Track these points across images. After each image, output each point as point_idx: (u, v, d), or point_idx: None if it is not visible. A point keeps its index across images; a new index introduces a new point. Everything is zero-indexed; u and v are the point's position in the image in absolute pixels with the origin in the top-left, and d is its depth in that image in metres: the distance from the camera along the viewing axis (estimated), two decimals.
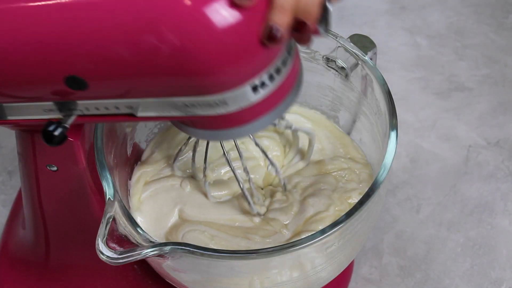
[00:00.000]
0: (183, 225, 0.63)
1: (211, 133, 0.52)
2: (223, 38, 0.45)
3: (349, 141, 0.69)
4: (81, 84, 0.49)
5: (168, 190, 0.66)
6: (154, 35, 0.45)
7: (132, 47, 0.46)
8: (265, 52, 0.47)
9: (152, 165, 0.67)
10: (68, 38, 0.46)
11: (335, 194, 0.64)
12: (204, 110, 0.49)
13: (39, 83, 0.50)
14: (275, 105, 0.51)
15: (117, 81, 0.48)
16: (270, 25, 0.46)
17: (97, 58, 0.47)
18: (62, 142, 0.52)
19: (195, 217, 0.64)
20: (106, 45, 0.46)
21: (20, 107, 0.53)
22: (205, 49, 0.45)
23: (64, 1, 0.46)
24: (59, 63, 0.48)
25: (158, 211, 0.64)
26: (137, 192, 0.65)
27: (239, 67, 0.47)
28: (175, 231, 0.63)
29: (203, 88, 0.48)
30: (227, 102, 0.49)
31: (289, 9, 0.46)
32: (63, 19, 0.46)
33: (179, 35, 0.45)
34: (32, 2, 0.47)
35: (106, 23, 0.45)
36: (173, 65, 0.46)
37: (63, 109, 0.52)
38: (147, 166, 0.67)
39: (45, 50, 0.47)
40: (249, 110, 0.50)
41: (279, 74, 0.49)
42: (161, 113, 0.51)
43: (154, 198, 0.65)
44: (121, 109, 0.51)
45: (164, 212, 0.64)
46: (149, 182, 0.66)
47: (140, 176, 0.66)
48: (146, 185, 0.66)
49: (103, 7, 0.45)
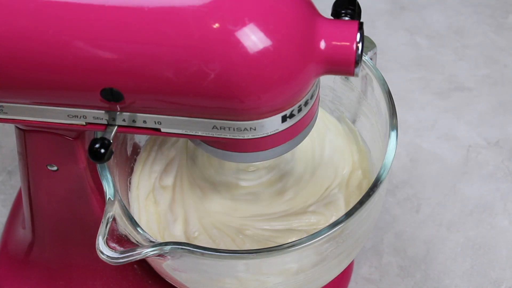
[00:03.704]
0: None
1: (224, 153, 0.53)
2: (270, 71, 0.47)
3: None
4: (117, 96, 0.49)
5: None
6: (205, 64, 0.47)
7: (180, 71, 0.47)
8: (305, 87, 0.49)
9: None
10: (120, 57, 0.48)
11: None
12: (232, 133, 0.51)
13: (77, 93, 0.50)
14: (294, 135, 0.53)
15: (154, 96, 0.49)
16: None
17: (139, 75, 0.48)
18: (110, 158, 0.52)
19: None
20: (153, 66, 0.47)
21: (44, 110, 0.53)
22: (251, 80, 0.47)
23: (122, 24, 0.47)
24: (102, 75, 0.48)
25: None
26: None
27: (281, 99, 0.49)
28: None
29: (242, 114, 0.49)
30: (256, 128, 0.50)
31: None
32: (119, 40, 0.47)
33: (230, 65, 0.47)
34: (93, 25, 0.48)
35: (160, 48, 0.47)
36: (219, 91, 0.48)
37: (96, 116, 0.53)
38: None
39: (95, 65, 0.48)
40: (271, 138, 0.51)
41: (306, 106, 0.51)
42: (187, 131, 0.51)
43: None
44: (149, 123, 0.52)
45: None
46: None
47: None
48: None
49: (159, 33, 0.47)
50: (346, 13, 0.52)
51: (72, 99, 0.51)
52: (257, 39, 0.47)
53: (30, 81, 0.49)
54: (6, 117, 0.54)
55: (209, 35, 0.46)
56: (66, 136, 0.57)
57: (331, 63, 0.49)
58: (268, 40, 0.47)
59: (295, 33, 0.48)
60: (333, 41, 0.49)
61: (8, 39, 0.48)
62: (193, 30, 0.46)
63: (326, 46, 0.49)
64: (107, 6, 0.47)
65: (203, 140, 0.54)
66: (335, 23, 0.50)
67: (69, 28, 0.47)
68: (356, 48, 0.48)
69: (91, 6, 0.47)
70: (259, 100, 0.48)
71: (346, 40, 0.49)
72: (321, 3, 0.57)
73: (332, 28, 0.49)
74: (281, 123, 0.51)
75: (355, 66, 0.49)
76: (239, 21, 0.46)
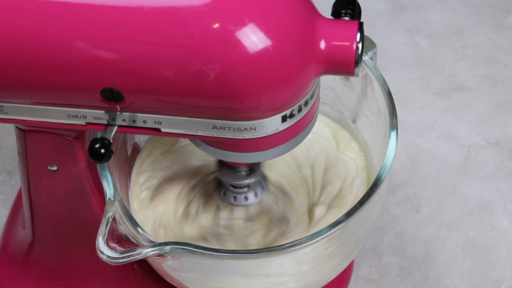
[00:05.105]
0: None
1: (225, 153, 0.53)
2: (270, 71, 0.47)
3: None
4: (117, 96, 0.49)
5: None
6: (205, 64, 0.47)
7: (180, 71, 0.47)
8: (305, 87, 0.49)
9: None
10: (121, 57, 0.48)
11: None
12: (232, 133, 0.50)
13: (77, 93, 0.50)
14: (294, 135, 0.53)
15: (154, 96, 0.49)
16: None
17: (139, 75, 0.48)
18: (110, 158, 0.52)
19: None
20: (153, 66, 0.47)
21: (44, 110, 0.53)
22: (252, 80, 0.47)
23: (122, 24, 0.47)
24: (102, 75, 0.48)
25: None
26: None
27: (281, 99, 0.49)
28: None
29: (242, 114, 0.49)
30: (256, 128, 0.50)
31: None
32: (119, 40, 0.47)
33: (230, 65, 0.47)
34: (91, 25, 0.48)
35: (160, 48, 0.47)
36: (219, 91, 0.48)
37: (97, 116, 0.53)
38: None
39: (95, 65, 0.48)
40: (271, 138, 0.51)
41: (306, 106, 0.51)
42: (187, 131, 0.51)
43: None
44: (149, 123, 0.52)
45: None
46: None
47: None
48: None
49: (159, 33, 0.47)
50: (346, 13, 0.52)
51: (72, 99, 0.51)
52: (257, 39, 0.47)
53: (30, 81, 0.49)
54: (6, 117, 0.54)
55: (209, 35, 0.46)
56: (66, 136, 0.57)
57: (331, 63, 0.49)
58: (268, 40, 0.47)
59: (295, 33, 0.48)
60: (333, 41, 0.49)
61: (8, 39, 0.48)
62: (193, 30, 0.46)
63: (326, 46, 0.49)
64: (107, 6, 0.47)
65: (203, 140, 0.54)
66: (335, 23, 0.50)
67: (69, 28, 0.47)
68: (356, 48, 0.49)
69: (91, 6, 0.47)
70: (259, 100, 0.48)
71: (346, 40, 0.49)
72: (321, 3, 0.57)
73: (332, 28, 0.49)
74: (281, 123, 0.51)
75: (355, 66, 0.49)
76: (239, 21, 0.46)
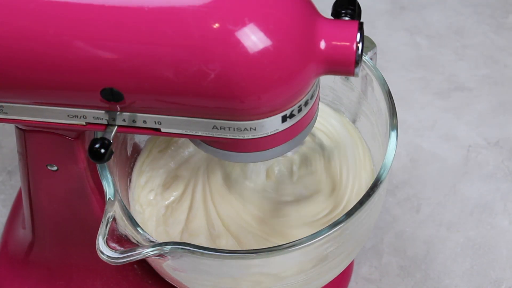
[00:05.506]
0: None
1: (225, 153, 0.53)
2: (270, 71, 0.47)
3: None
4: (117, 96, 0.49)
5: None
6: (205, 64, 0.47)
7: (180, 71, 0.47)
8: (305, 87, 0.49)
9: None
10: (121, 58, 0.48)
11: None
12: (232, 133, 0.51)
13: (77, 93, 0.50)
14: (295, 135, 0.53)
15: (154, 96, 0.49)
16: None
17: (139, 75, 0.48)
18: (110, 158, 0.52)
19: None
20: (153, 66, 0.47)
21: (44, 110, 0.53)
22: (252, 80, 0.47)
23: (122, 24, 0.47)
24: (102, 75, 0.48)
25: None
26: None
27: (281, 99, 0.49)
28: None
29: (242, 114, 0.49)
30: (256, 128, 0.50)
31: None
32: (119, 40, 0.47)
33: (230, 65, 0.47)
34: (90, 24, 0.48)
35: (160, 48, 0.47)
36: (219, 91, 0.48)
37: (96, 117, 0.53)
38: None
39: (95, 65, 0.48)
40: (271, 138, 0.51)
41: (306, 106, 0.51)
42: (187, 131, 0.51)
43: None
44: (149, 123, 0.52)
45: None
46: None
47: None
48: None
49: (159, 33, 0.47)
50: (346, 13, 0.52)
51: (72, 99, 0.51)
52: (257, 39, 0.47)
53: (30, 81, 0.49)
54: (6, 117, 0.54)
55: (209, 35, 0.46)
56: (66, 136, 0.57)
57: (331, 63, 0.49)
58: (268, 40, 0.47)
59: (295, 33, 0.48)
60: (333, 41, 0.49)
61: (8, 39, 0.48)
62: (193, 30, 0.46)
63: (326, 46, 0.49)
64: (107, 6, 0.47)
65: (203, 140, 0.54)
66: (335, 23, 0.50)
67: (69, 28, 0.47)
68: (356, 48, 0.49)
69: (91, 6, 0.47)
70: (259, 100, 0.48)
71: (346, 40, 0.49)
72: (321, 3, 0.57)
73: (332, 28, 0.49)
74: (281, 123, 0.51)
75: (355, 66, 0.49)
76: (239, 21, 0.46)
